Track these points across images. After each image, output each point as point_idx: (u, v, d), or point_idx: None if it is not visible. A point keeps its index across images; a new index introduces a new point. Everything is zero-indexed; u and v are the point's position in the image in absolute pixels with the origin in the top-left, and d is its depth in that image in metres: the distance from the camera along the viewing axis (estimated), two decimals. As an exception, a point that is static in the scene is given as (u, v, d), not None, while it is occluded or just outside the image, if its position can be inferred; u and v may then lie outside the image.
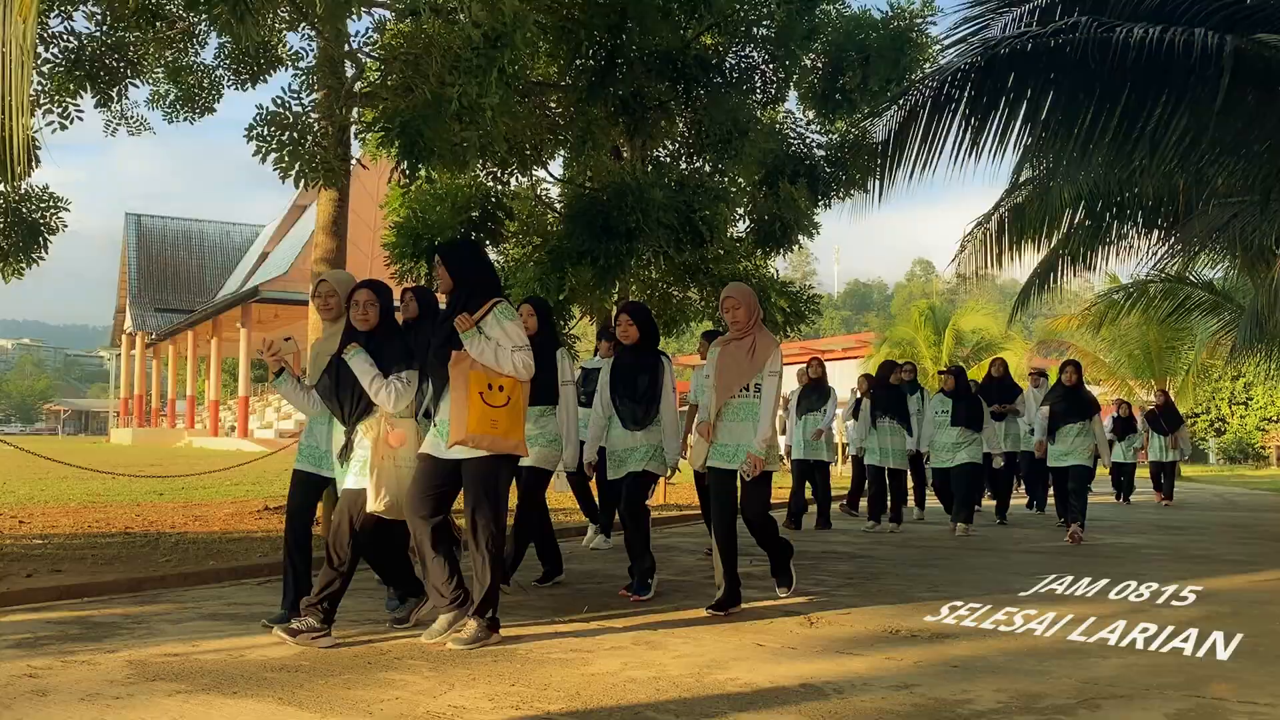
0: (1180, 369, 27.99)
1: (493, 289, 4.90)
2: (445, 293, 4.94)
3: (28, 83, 4.83)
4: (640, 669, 4.23)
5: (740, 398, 5.61)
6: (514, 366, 4.69)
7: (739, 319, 5.63)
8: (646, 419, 6.16)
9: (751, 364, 5.58)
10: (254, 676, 4.03)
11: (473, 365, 4.66)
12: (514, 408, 4.70)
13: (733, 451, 5.60)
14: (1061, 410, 9.99)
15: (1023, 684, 4.04)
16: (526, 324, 6.07)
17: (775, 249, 13.73)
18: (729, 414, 5.65)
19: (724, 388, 5.62)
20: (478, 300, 4.79)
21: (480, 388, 4.64)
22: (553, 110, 12.38)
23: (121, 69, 10.03)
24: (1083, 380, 10.23)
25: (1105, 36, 7.39)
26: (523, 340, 4.77)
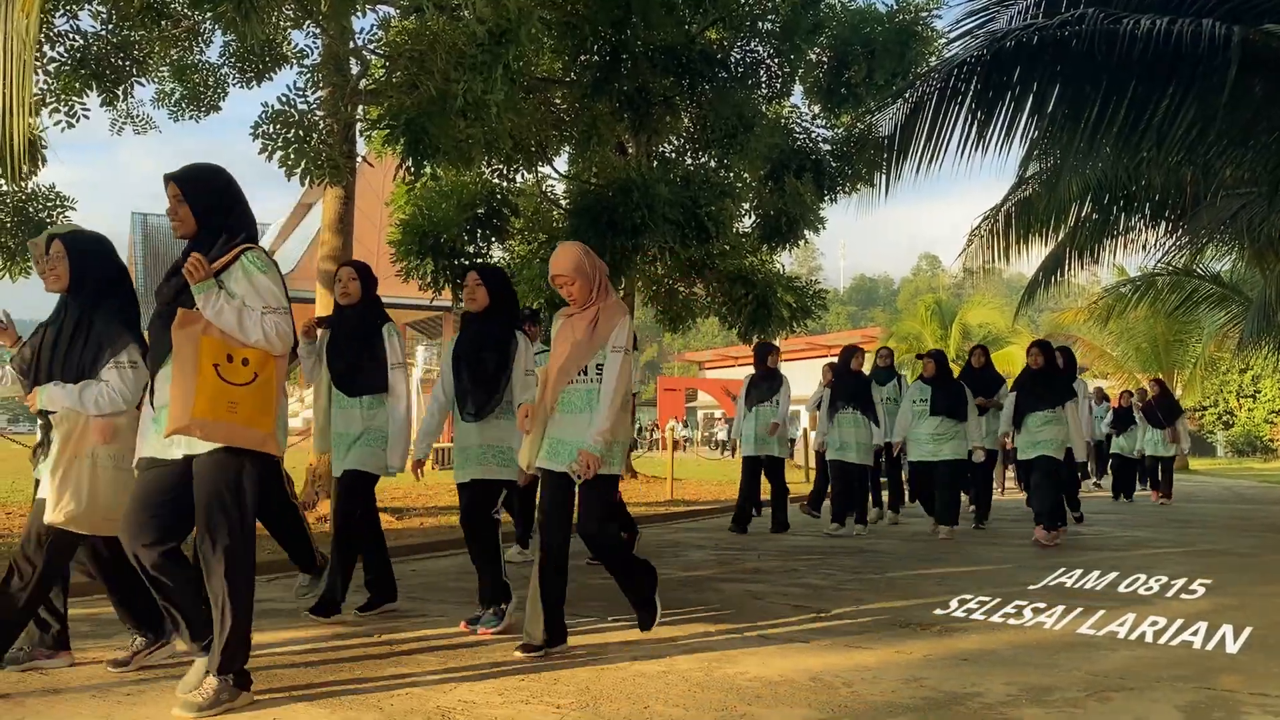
0: (1188, 362, 27.94)
1: (242, 228, 3.72)
2: (184, 235, 3.78)
3: (29, 79, 4.84)
4: (649, 663, 4.23)
5: (580, 383, 4.49)
6: (264, 334, 3.54)
7: (575, 294, 4.51)
8: (487, 408, 5.02)
9: (591, 341, 4.47)
10: (263, 672, 4.04)
11: (206, 329, 3.53)
12: (262, 388, 3.57)
13: (568, 449, 4.47)
14: (1027, 397, 9.10)
15: (1032, 676, 4.04)
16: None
17: (781, 244, 13.74)
18: (565, 403, 4.52)
19: (561, 371, 4.51)
20: (222, 243, 3.65)
21: (215, 359, 3.50)
22: (558, 106, 12.38)
23: (127, 68, 10.06)
24: (1055, 363, 9.28)
25: (1112, 28, 7.36)
26: (279, 300, 3.61)
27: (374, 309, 5.35)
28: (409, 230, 11.56)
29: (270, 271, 3.62)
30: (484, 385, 5.03)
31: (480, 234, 12.01)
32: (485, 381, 5.03)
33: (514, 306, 5.31)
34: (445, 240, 11.54)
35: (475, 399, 5.03)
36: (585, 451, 4.34)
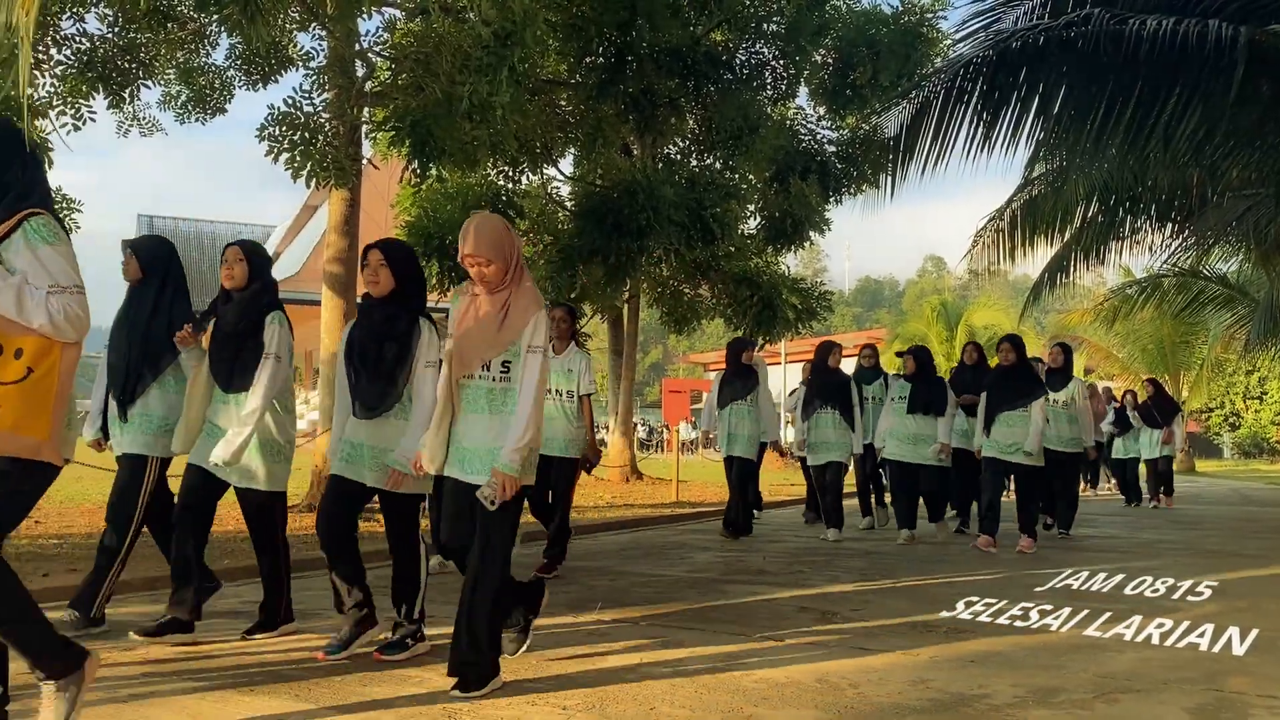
0: (1194, 363, 27.90)
1: (34, 189, 3.12)
2: None
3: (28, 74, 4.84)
4: (656, 664, 4.23)
5: (481, 380, 3.82)
6: (49, 318, 2.87)
7: (490, 277, 3.82)
8: (382, 404, 4.42)
9: (501, 333, 3.81)
10: (270, 673, 4.04)
11: None
12: (35, 387, 2.91)
13: (473, 459, 3.81)
14: (997, 396, 8.48)
15: (1039, 678, 4.03)
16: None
17: (786, 246, 13.74)
18: (467, 400, 3.86)
19: (460, 360, 3.85)
20: (6, 205, 3.01)
21: None
22: (563, 108, 12.39)
23: (133, 70, 10.08)
24: (1025, 359, 8.64)
25: (1118, 28, 7.36)
26: (70, 278, 2.96)
27: (260, 296, 4.78)
28: (414, 232, 11.57)
29: (60, 242, 2.96)
30: (380, 379, 4.42)
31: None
32: (381, 375, 4.42)
33: (421, 290, 4.78)
34: (450, 242, 11.54)
35: (368, 395, 4.43)
36: (501, 473, 3.66)
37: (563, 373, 6.65)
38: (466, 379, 3.86)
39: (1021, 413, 8.30)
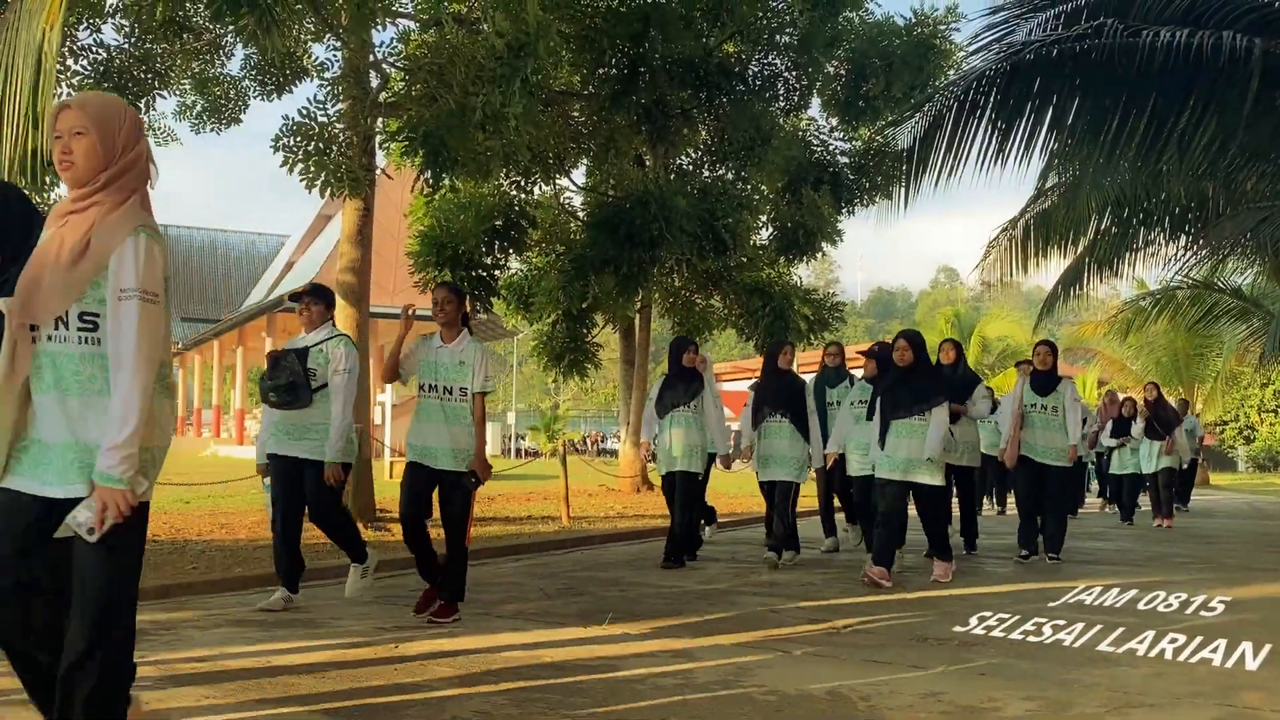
0: (1208, 376, 27.77)
1: None
2: None
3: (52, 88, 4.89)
4: (667, 676, 4.22)
5: (51, 340, 2.61)
6: None
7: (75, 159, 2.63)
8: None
9: (78, 266, 2.57)
10: (281, 682, 4.05)
11: None
12: None
13: (55, 465, 2.60)
14: (890, 402, 7.09)
15: (1051, 692, 4.01)
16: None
17: (798, 256, 13.75)
18: (35, 372, 2.64)
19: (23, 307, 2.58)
20: None
21: None
22: (576, 119, 12.43)
23: (149, 80, 10.15)
24: (925, 358, 7.28)
25: (1131, 40, 7.35)
26: None
27: None
28: (427, 242, 11.61)
29: None
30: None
31: (498, 245, 12.05)
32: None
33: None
34: (463, 252, 11.59)
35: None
36: (104, 488, 2.50)
37: (453, 365, 5.52)
38: (30, 337, 2.63)
39: (920, 421, 6.93)
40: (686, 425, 7.87)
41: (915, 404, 6.94)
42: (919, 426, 6.93)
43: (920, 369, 7.13)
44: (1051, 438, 8.36)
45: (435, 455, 5.46)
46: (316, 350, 5.72)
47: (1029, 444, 8.38)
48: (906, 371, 7.10)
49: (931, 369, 7.46)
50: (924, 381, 7.08)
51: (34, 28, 4.58)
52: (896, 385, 7.13)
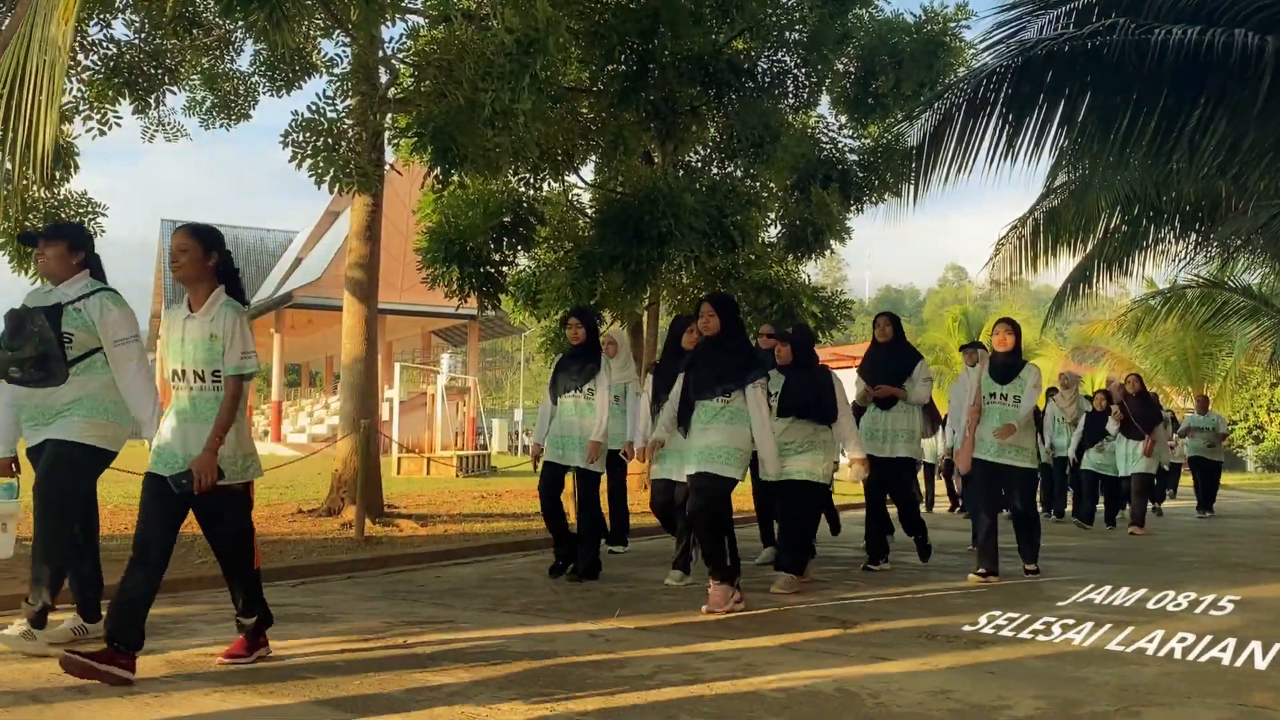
0: (1218, 376, 27.67)
1: None
2: None
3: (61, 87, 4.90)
4: (674, 671, 4.22)
5: None
6: None
7: None
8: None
9: None
10: (290, 676, 4.06)
11: None
12: None
13: None
14: (693, 380, 5.81)
15: (1060, 690, 4.00)
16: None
17: (807, 254, 13.72)
18: None
19: None
20: None
21: None
22: (584, 115, 12.42)
23: (159, 76, 10.17)
24: (736, 326, 5.94)
25: (1143, 38, 7.32)
26: None
27: None
28: (435, 238, 11.61)
29: None
30: None
31: (506, 242, 12.05)
32: None
33: None
34: (471, 248, 11.59)
35: None
36: None
37: (200, 340, 4.08)
38: None
39: (724, 404, 5.63)
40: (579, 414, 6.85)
41: (719, 383, 5.62)
42: (724, 411, 5.61)
43: (728, 338, 5.78)
44: (1015, 434, 7.15)
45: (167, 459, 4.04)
46: (73, 310, 4.39)
47: (984, 441, 7.20)
48: (713, 342, 5.78)
49: (741, 341, 5.96)
50: (734, 354, 5.73)
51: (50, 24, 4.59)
52: (701, 360, 5.84)
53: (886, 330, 7.84)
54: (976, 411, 7.29)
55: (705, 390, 5.67)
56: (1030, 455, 7.27)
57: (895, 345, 7.87)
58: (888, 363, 7.76)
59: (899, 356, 7.79)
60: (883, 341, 7.86)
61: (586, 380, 6.82)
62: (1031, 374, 7.27)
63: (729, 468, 5.58)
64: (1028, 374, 7.26)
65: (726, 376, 5.63)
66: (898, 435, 7.67)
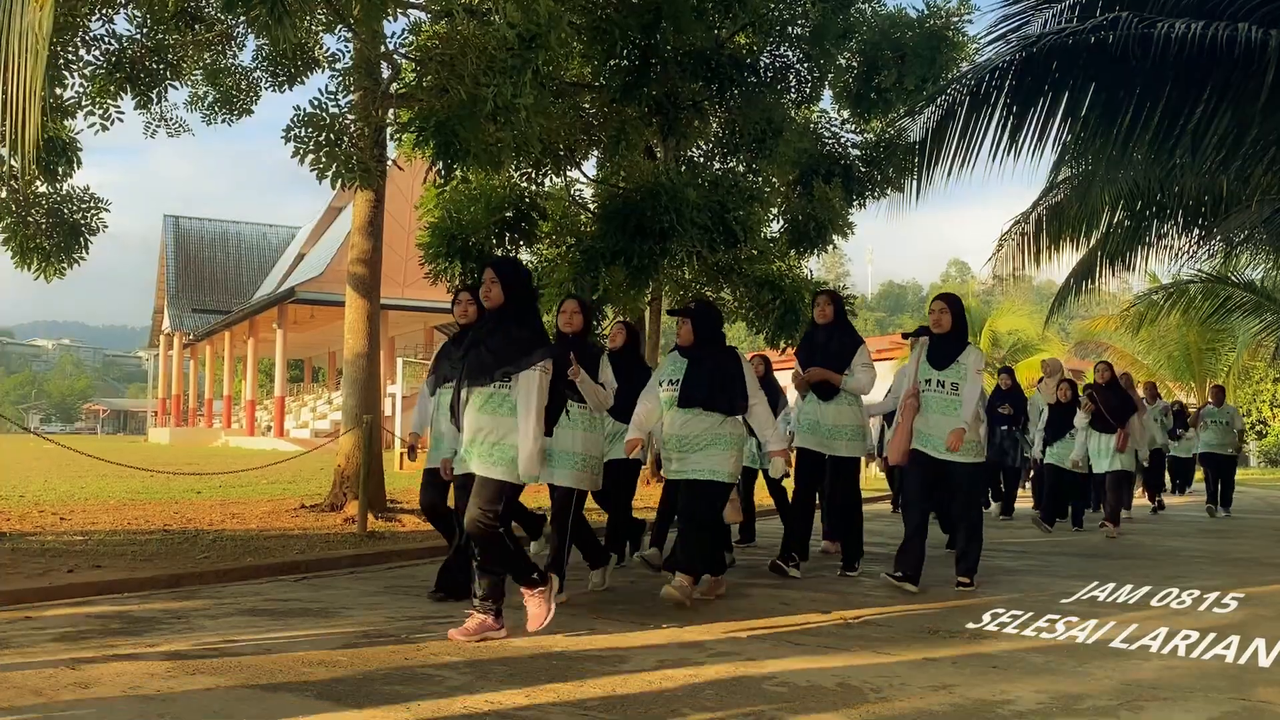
0: (1221, 371, 27.63)
1: None
2: None
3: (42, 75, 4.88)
4: (676, 667, 4.22)
5: None
6: None
7: None
8: None
9: None
10: (292, 671, 4.06)
11: None
12: None
13: None
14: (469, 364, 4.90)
15: (1063, 685, 4.00)
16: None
17: (809, 249, 13.70)
18: None
19: None
20: None
21: None
22: (587, 110, 12.40)
23: (161, 71, 10.16)
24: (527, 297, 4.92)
25: (1146, 32, 7.31)
26: None
27: None
28: (438, 233, 11.60)
29: None
30: None
31: (508, 237, 12.04)
32: None
33: None
34: (474, 243, 11.58)
35: None
36: None
37: None
38: None
39: (502, 390, 4.73)
40: None
41: (484, 370, 4.73)
42: (502, 400, 4.69)
43: (514, 310, 4.80)
44: (952, 424, 6.26)
45: None
46: None
47: (922, 433, 6.37)
48: (497, 315, 4.83)
49: (529, 313, 4.91)
50: (517, 332, 4.74)
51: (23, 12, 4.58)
52: (480, 341, 4.89)
53: (826, 310, 6.95)
54: (914, 399, 6.41)
55: (481, 376, 4.73)
56: (975, 448, 6.37)
57: (836, 328, 6.98)
58: (826, 347, 6.92)
59: (839, 341, 6.92)
60: (822, 324, 6.99)
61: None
62: (972, 358, 6.39)
63: (496, 468, 4.65)
64: (968, 358, 6.36)
65: (504, 359, 4.69)
66: (840, 432, 6.84)
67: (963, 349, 6.40)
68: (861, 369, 6.84)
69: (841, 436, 6.87)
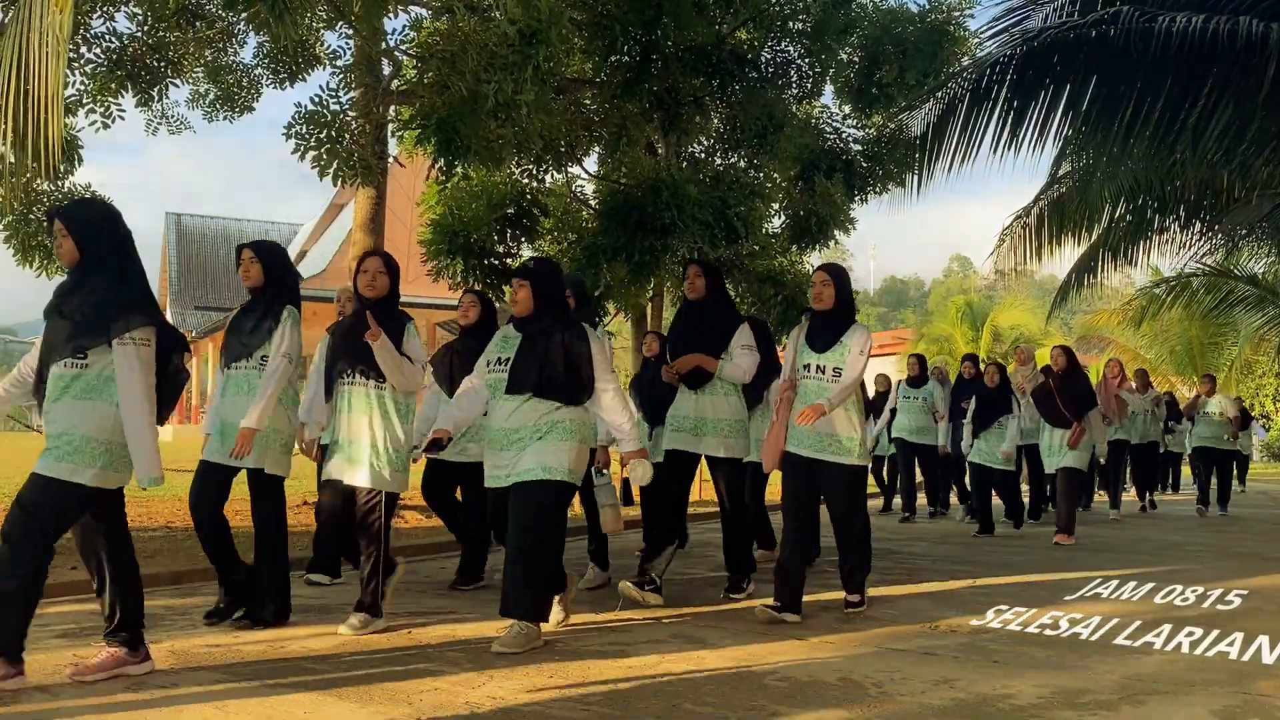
0: (1223, 365, 27.60)
1: None
2: None
3: (62, 76, 4.90)
4: (678, 662, 4.23)
5: None
6: None
7: None
8: None
9: None
10: (295, 667, 4.07)
11: None
12: None
13: None
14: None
15: (1064, 679, 4.00)
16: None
17: (811, 245, 13.69)
18: None
19: None
20: None
21: None
22: (588, 107, 12.40)
23: (162, 69, 10.15)
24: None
25: (1147, 26, 7.30)
26: None
27: None
28: (439, 230, 11.60)
29: None
30: None
31: (510, 234, 12.04)
32: None
33: None
34: (475, 240, 11.58)
35: None
36: None
37: None
38: None
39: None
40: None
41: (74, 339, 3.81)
42: (75, 383, 3.79)
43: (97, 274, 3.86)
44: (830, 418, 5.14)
45: None
46: None
47: (794, 431, 5.24)
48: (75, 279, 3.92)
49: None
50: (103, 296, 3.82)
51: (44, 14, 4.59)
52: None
53: (697, 283, 5.80)
54: (791, 389, 5.28)
55: (55, 351, 3.82)
56: (853, 449, 5.22)
57: (710, 303, 5.85)
58: (699, 328, 5.78)
59: (714, 320, 5.78)
60: (694, 299, 5.83)
61: None
62: (858, 338, 5.27)
63: (77, 468, 3.72)
64: (852, 338, 5.26)
65: (84, 328, 3.78)
66: (712, 426, 5.73)
67: (848, 327, 5.29)
68: (740, 352, 5.68)
69: (715, 432, 5.72)
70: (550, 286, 4.85)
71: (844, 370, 5.16)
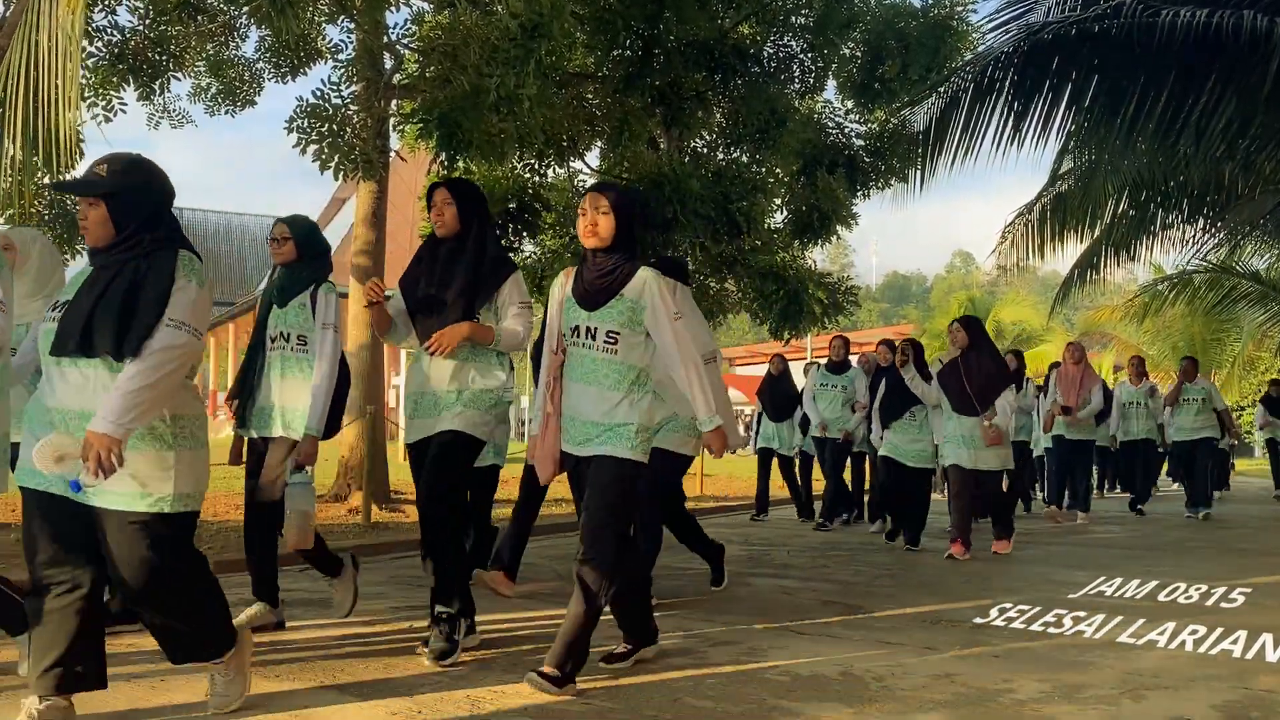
0: (1226, 361, 27.57)
1: None
2: None
3: (76, 75, 4.91)
4: (679, 655, 4.23)
5: None
6: None
7: None
8: None
9: None
10: (295, 659, 4.07)
11: None
12: None
13: None
14: None
15: (1065, 674, 4.00)
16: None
17: (813, 240, 13.67)
18: None
19: None
20: None
21: None
22: (590, 101, 12.39)
23: (164, 63, 10.15)
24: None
25: (1150, 20, 7.28)
26: None
27: None
28: (441, 224, 11.61)
29: None
30: None
31: (512, 228, 12.04)
32: None
33: None
34: (477, 235, 11.58)
35: None
36: None
37: None
38: None
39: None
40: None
41: None
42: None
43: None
44: (602, 399, 3.83)
45: None
46: None
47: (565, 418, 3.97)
48: None
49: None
50: None
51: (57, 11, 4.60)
52: None
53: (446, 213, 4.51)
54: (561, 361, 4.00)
55: None
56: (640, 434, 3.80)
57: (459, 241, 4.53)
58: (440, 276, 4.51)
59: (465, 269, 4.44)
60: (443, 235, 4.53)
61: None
62: (654, 289, 3.90)
63: None
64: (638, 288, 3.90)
65: None
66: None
67: (631, 274, 3.91)
68: (518, 308, 4.40)
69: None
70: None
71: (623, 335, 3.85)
